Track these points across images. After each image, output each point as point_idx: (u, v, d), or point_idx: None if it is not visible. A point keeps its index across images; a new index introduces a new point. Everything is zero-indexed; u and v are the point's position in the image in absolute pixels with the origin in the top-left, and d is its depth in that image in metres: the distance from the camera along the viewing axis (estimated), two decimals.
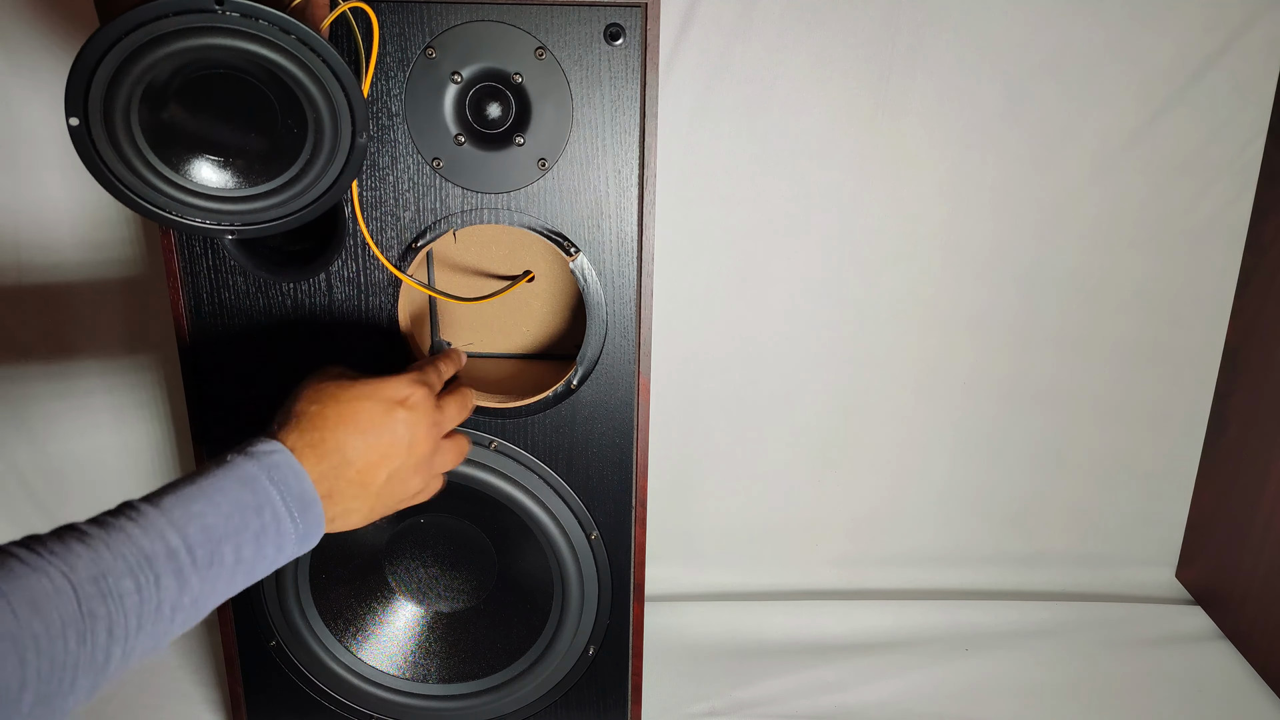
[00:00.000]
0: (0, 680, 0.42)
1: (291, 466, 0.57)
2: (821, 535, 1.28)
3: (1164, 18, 1.04)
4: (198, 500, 0.53)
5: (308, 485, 0.58)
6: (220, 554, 0.52)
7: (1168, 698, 1.08)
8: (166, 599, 0.49)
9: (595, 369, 0.81)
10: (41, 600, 0.44)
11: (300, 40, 0.61)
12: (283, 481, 0.56)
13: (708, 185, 1.10)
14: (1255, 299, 1.15)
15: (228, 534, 0.53)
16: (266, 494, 0.55)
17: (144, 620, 0.48)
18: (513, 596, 0.90)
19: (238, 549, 0.53)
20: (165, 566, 0.49)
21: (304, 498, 0.57)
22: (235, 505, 0.54)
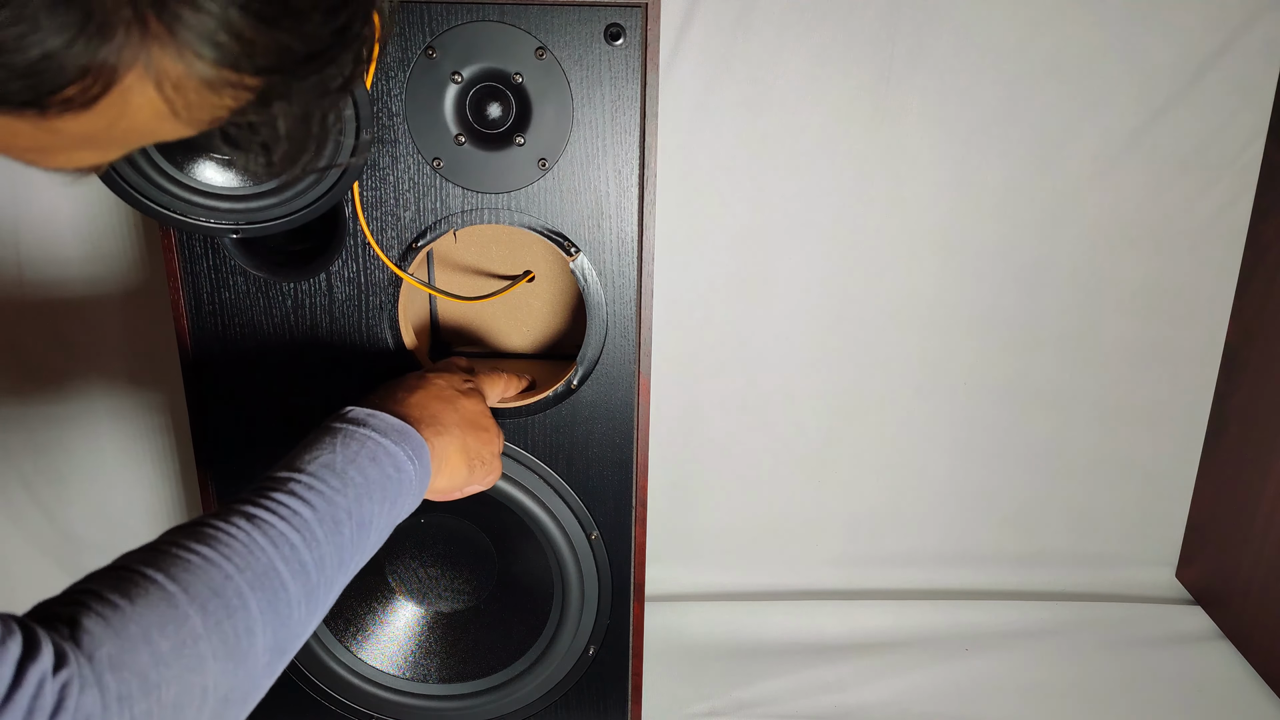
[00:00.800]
0: (265, 616, 0.49)
1: (419, 443, 0.64)
2: (821, 535, 1.28)
3: (1164, 18, 1.04)
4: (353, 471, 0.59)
5: (426, 453, 0.64)
6: (374, 515, 0.59)
7: (1168, 698, 1.08)
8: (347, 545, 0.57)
9: (595, 369, 0.81)
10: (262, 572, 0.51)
11: None
12: (418, 453, 0.63)
13: (708, 185, 1.10)
14: (1255, 299, 1.15)
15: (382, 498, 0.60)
16: (401, 462, 0.62)
17: (326, 567, 0.54)
18: (513, 596, 0.90)
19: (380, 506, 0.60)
20: (342, 528, 0.56)
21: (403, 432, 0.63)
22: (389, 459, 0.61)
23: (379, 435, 0.61)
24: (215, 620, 0.47)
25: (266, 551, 0.51)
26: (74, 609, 0.43)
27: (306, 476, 0.56)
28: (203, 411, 0.83)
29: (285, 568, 0.51)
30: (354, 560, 0.58)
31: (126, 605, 0.43)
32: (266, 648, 0.51)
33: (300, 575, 0.52)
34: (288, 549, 0.52)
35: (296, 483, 0.55)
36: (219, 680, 0.46)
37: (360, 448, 0.59)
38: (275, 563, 0.51)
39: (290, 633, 0.53)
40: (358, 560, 0.58)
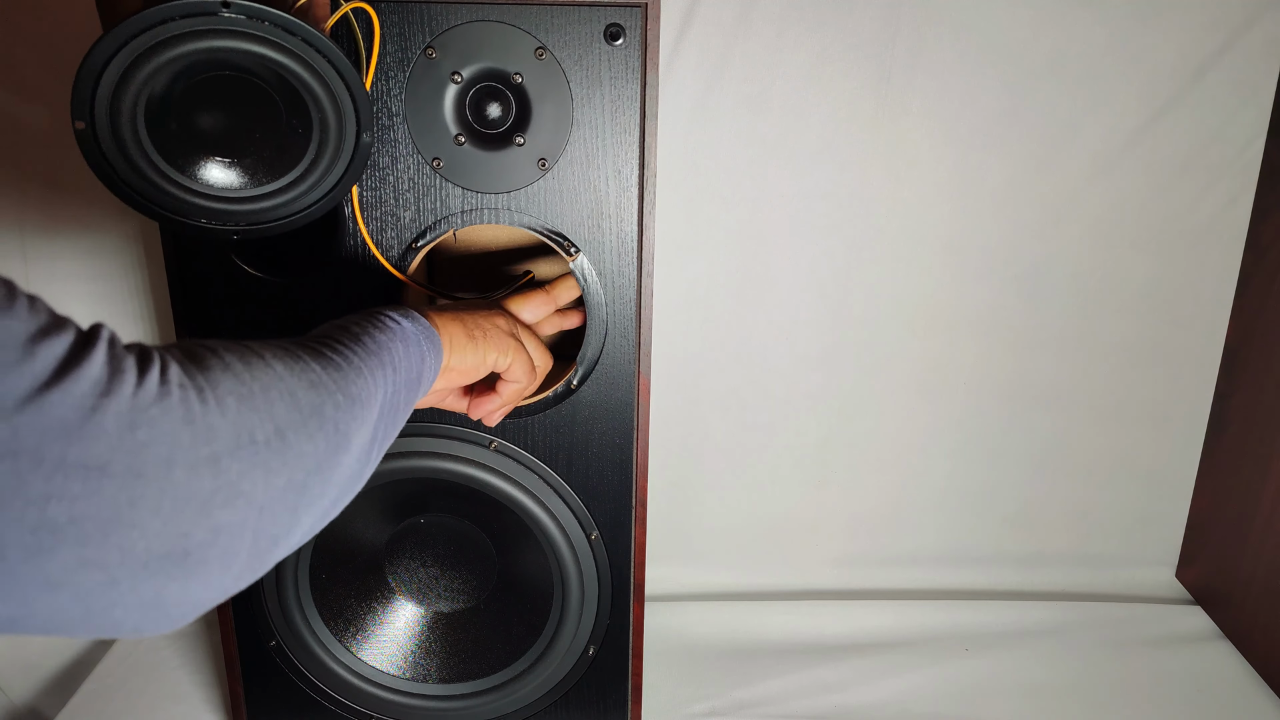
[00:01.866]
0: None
1: (429, 332, 0.63)
2: (821, 535, 1.28)
3: (1164, 18, 1.04)
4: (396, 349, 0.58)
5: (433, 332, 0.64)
6: (411, 375, 0.59)
7: (1168, 698, 1.08)
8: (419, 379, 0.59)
9: (595, 369, 0.81)
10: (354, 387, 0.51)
11: (305, 41, 0.61)
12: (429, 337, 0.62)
13: (708, 185, 1.10)
14: (1255, 299, 1.15)
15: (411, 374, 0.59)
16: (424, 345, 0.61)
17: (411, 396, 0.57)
18: (513, 596, 0.90)
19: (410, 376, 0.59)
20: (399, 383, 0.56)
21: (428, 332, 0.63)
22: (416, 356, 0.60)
23: (387, 316, 0.60)
24: (346, 411, 0.48)
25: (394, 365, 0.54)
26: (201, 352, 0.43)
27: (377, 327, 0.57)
28: None
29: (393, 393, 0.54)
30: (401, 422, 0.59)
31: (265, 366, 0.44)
32: (354, 460, 0.50)
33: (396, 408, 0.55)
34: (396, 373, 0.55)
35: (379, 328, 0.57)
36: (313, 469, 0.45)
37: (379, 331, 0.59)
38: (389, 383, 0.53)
39: (370, 457, 0.52)
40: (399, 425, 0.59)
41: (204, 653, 1.11)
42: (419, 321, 0.62)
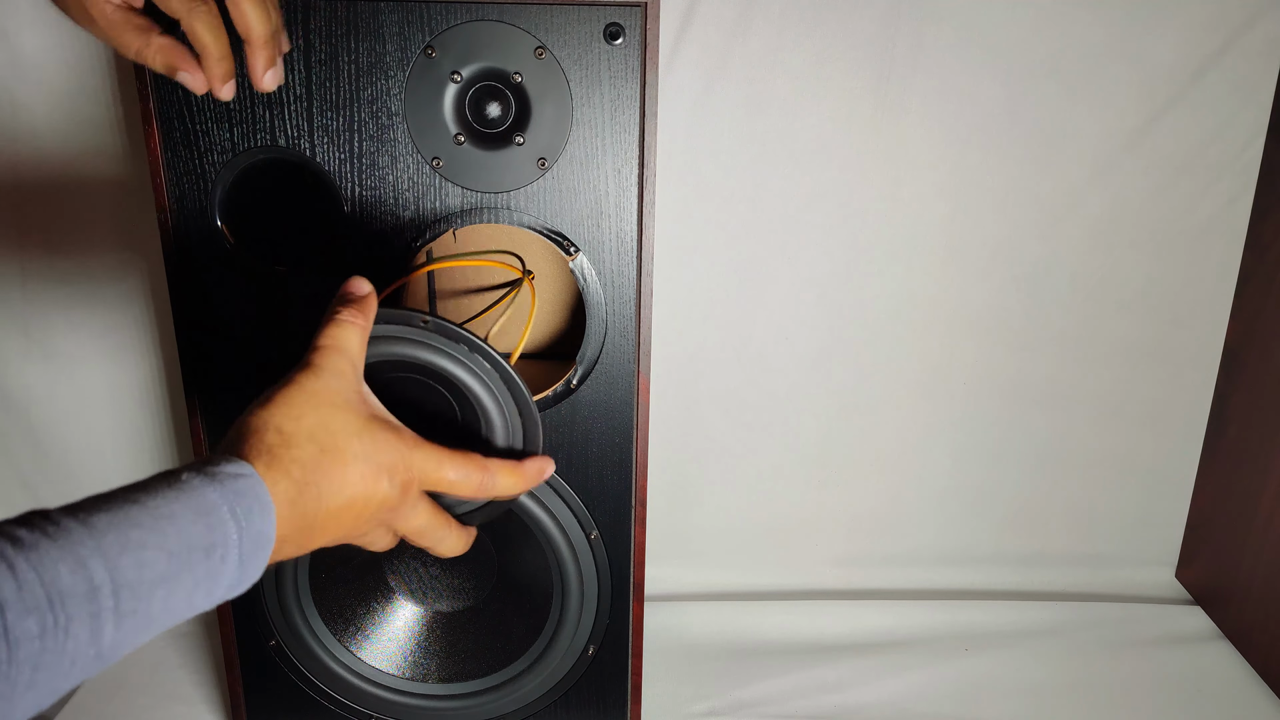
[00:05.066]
0: None
1: (260, 498, 0.47)
2: (821, 535, 1.28)
3: (1164, 18, 1.04)
4: (140, 525, 0.41)
5: (270, 525, 0.47)
6: (149, 600, 0.41)
7: (1168, 698, 1.08)
8: (71, 649, 0.38)
9: (595, 369, 0.81)
10: None
11: (490, 365, 0.66)
12: (246, 515, 0.46)
13: (708, 184, 1.10)
14: (1255, 299, 1.15)
15: (164, 577, 0.41)
16: (224, 530, 0.44)
17: (38, 674, 0.37)
18: (513, 596, 0.90)
19: (169, 596, 0.42)
20: (80, 608, 0.38)
21: (260, 539, 0.47)
22: (184, 542, 0.42)
23: (237, 540, 0.45)
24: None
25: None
26: None
27: (103, 571, 0.40)
28: (202, 411, 0.83)
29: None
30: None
31: None
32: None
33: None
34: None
35: (87, 576, 0.39)
36: None
37: (203, 561, 0.44)
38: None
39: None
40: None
41: (204, 653, 1.11)
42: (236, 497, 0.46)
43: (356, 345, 0.57)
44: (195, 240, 0.77)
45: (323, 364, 0.55)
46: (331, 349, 0.56)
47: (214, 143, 0.74)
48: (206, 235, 0.77)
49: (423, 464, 0.56)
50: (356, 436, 0.53)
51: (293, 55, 0.72)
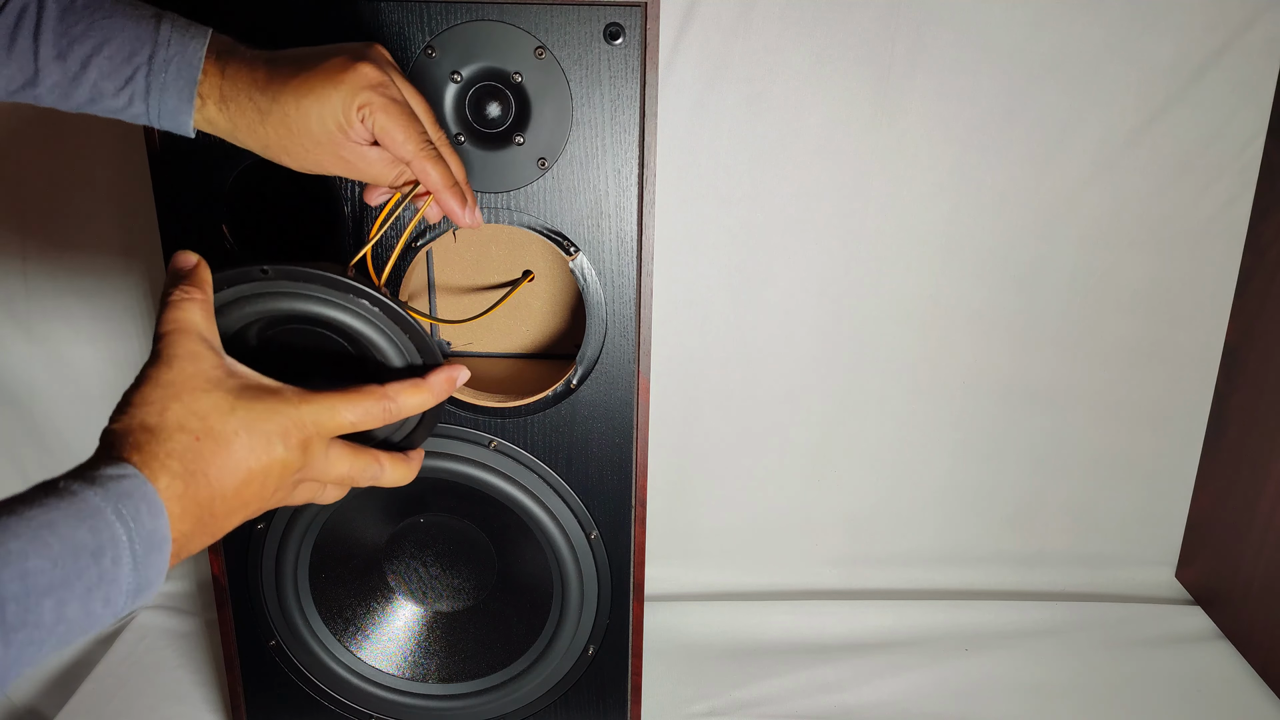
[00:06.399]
0: None
1: (146, 497, 0.45)
2: (821, 535, 1.28)
3: (1164, 18, 1.04)
4: (19, 536, 0.40)
5: (162, 523, 0.45)
6: (38, 611, 0.40)
7: (1168, 698, 1.08)
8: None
9: (595, 368, 0.81)
10: None
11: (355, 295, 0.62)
12: (134, 516, 0.44)
13: (707, 184, 1.10)
14: (1255, 299, 1.15)
15: (53, 585, 0.40)
16: (111, 532, 0.43)
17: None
18: (512, 596, 0.90)
19: (61, 605, 0.40)
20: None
21: (153, 539, 0.45)
22: (68, 547, 0.41)
23: (126, 541, 0.44)
24: None
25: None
26: None
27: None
28: None
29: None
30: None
31: None
32: None
33: None
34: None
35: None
36: None
37: (92, 565, 0.42)
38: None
39: None
40: None
41: (204, 653, 1.11)
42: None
43: (201, 320, 0.54)
44: (195, 240, 0.77)
45: (171, 351, 0.52)
46: (175, 333, 0.53)
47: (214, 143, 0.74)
48: (207, 235, 0.77)
49: (315, 416, 0.54)
50: (230, 413, 0.51)
51: None
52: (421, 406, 0.61)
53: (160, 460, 0.47)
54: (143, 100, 0.58)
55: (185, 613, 1.17)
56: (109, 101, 0.58)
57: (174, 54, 0.58)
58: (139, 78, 0.57)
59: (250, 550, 0.86)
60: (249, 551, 0.87)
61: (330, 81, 0.58)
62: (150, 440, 0.48)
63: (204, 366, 0.52)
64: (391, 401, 0.58)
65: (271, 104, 0.58)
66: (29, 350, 1.11)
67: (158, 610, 1.17)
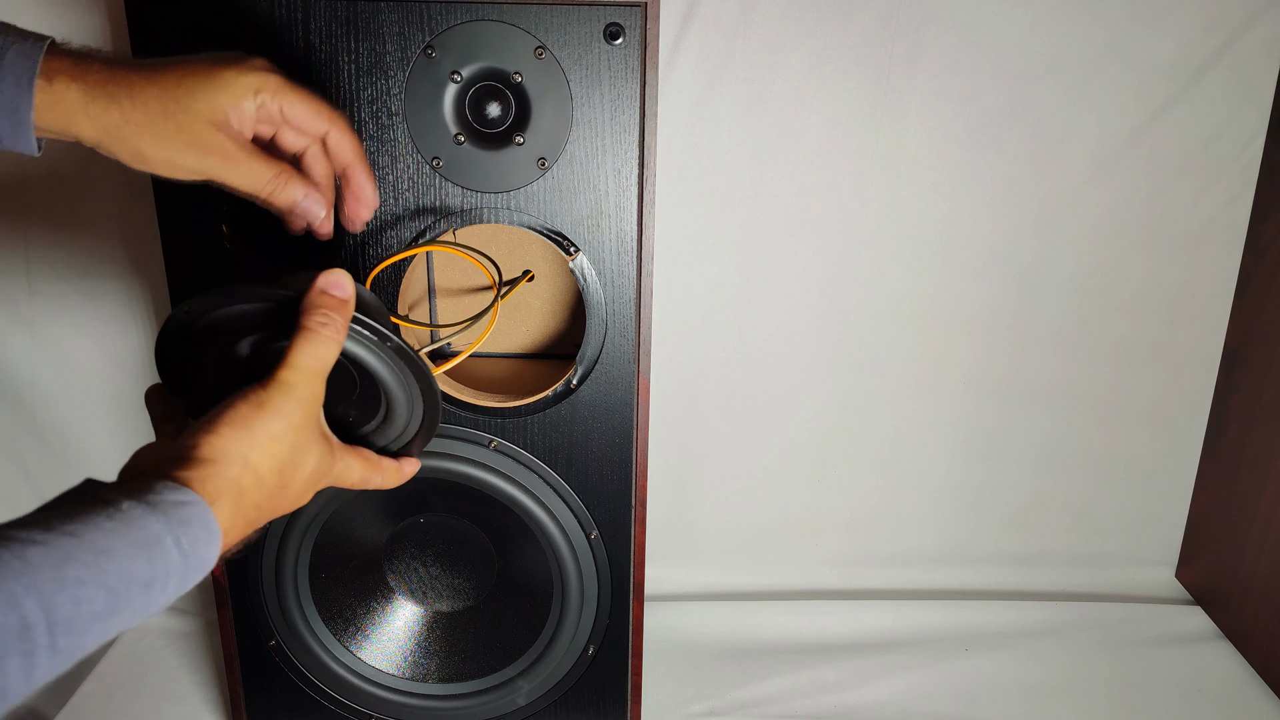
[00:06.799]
0: None
1: (207, 525, 0.44)
2: (821, 535, 1.28)
3: (1164, 18, 1.04)
4: (78, 562, 0.39)
5: (215, 549, 0.45)
6: (86, 635, 0.39)
7: (1168, 698, 1.08)
8: (2, 685, 0.37)
9: (595, 368, 0.81)
10: None
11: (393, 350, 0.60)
12: (192, 547, 0.43)
13: (707, 184, 1.10)
14: (1255, 299, 1.15)
15: (103, 613, 0.40)
16: (166, 563, 0.42)
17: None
18: (512, 596, 0.90)
19: (106, 629, 0.40)
20: (13, 646, 0.36)
21: (203, 565, 0.45)
22: (123, 578, 0.40)
23: (181, 569, 0.44)
24: None
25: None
26: None
27: (37, 609, 0.38)
28: None
29: None
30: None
31: None
32: None
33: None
34: None
35: (19, 614, 0.38)
36: None
37: (142, 595, 0.42)
38: None
39: None
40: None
41: (204, 653, 1.11)
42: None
43: (331, 358, 0.52)
44: (196, 240, 0.77)
45: (300, 387, 0.50)
46: (309, 370, 0.51)
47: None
48: (207, 235, 0.77)
49: (341, 471, 0.56)
50: (307, 466, 0.52)
51: (293, 55, 0.72)
52: (385, 486, 0.61)
53: (244, 504, 0.47)
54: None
55: (185, 613, 1.17)
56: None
57: (10, 42, 0.51)
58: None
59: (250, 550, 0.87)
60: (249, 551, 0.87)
61: (221, 63, 0.54)
62: (253, 484, 0.48)
63: (318, 414, 0.52)
64: (380, 474, 0.60)
65: (146, 81, 0.53)
66: (32, 349, 1.11)
67: None
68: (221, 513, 0.45)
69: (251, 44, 0.72)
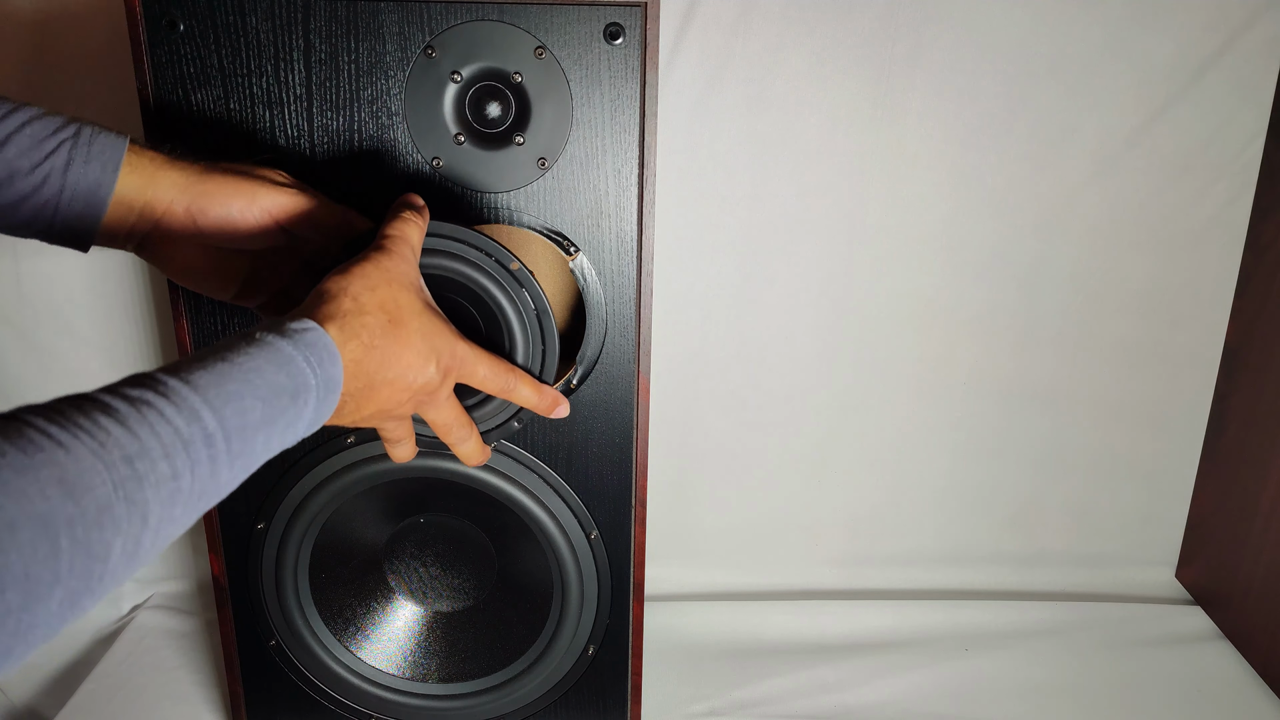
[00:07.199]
0: (31, 570, 0.34)
1: (328, 348, 0.52)
2: (821, 535, 1.28)
3: (1164, 18, 1.04)
4: (233, 379, 0.46)
5: (338, 371, 0.53)
6: (252, 443, 0.47)
7: (1168, 698, 1.08)
8: (198, 488, 0.43)
9: (595, 369, 0.81)
10: (73, 480, 0.37)
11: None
12: (319, 363, 0.51)
13: (708, 184, 1.10)
14: (1255, 299, 1.15)
15: (262, 422, 0.47)
16: (303, 378, 0.50)
17: (175, 509, 0.42)
18: (512, 596, 0.90)
19: (267, 439, 0.48)
20: (202, 453, 0.43)
21: (331, 384, 0.53)
22: (272, 390, 0.48)
23: (314, 385, 0.51)
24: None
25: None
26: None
27: (213, 420, 0.45)
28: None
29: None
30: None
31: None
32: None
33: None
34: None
35: (201, 426, 0.44)
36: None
37: (290, 406, 0.50)
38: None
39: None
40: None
41: (204, 653, 1.11)
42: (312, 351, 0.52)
43: (418, 241, 0.64)
44: None
45: (393, 249, 0.61)
46: (400, 239, 0.62)
47: (210, 145, 0.74)
48: None
49: (464, 355, 0.63)
50: (418, 316, 0.59)
51: (292, 55, 0.72)
52: (528, 402, 0.69)
53: (354, 329, 0.55)
54: (60, 176, 0.59)
55: (185, 613, 1.17)
56: (19, 183, 0.58)
57: (99, 132, 0.60)
58: (62, 150, 0.59)
59: (250, 550, 0.87)
60: (249, 551, 0.87)
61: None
62: (355, 310, 0.56)
63: (412, 272, 0.61)
64: (515, 379, 0.68)
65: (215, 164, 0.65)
66: (23, 355, 1.11)
67: (158, 610, 1.17)
68: (336, 336, 0.54)
69: (252, 43, 0.72)
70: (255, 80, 0.72)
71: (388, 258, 0.60)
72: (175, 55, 0.72)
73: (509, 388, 0.67)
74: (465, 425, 0.68)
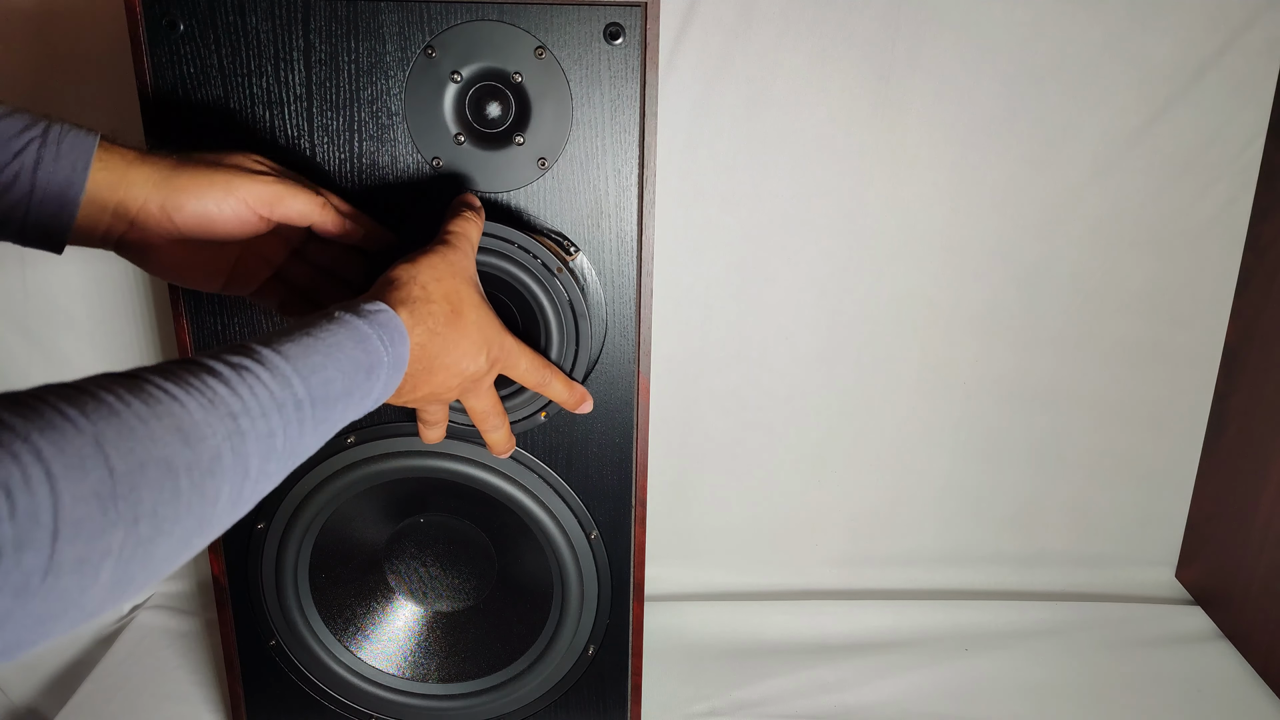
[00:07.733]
0: (159, 507, 0.37)
1: (398, 329, 0.56)
2: (821, 535, 1.28)
3: (1164, 18, 1.04)
4: (318, 353, 0.50)
5: (405, 350, 0.57)
6: (331, 411, 0.50)
7: (1168, 698, 1.08)
8: (289, 447, 0.47)
9: (595, 369, 0.81)
10: (189, 430, 0.40)
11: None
12: (390, 341, 0.55)
13: (708, 184, 1.10)
14: (1255, 299, 1.15)
15: (341, 394, 0.50)
16: (378, 355, 0.54)
17: (270, 464, 0.45)
18: (512, 596, 0.90)
19: (345, 409, 0.51)
20: (292, 415, 0.46)
21: (399, 362, 0.56)
22: (351, 363, 0.51)
23: (386, 362, 0.55)
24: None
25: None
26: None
27: (303, 388, 0.48)
28: None
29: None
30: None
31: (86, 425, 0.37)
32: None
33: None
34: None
35: (292, 392, 0.48)
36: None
37: (365, 380, 0.53)
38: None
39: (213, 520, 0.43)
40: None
41: (204, 653, 1.11)
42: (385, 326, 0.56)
43: (476, 238, 0.68)
44: None
45: (457, 244, 0.64)
46: (461, 235, 0.65)
47: (209, 142, 0.74)
48: None
49: (510, 348, 0.68)
50: (475, 308, 0.63)
51: (292, 55, 0.72)
52: (559, 397, 0.73)
53: (421, 315, 0.59)
54: (30, 176, 0.58)
55: (185, 613, 1.17)
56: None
57: (68, 130, 0.59)
58: (30, 149, 0.58)
59: (250, 550, 0.87)
60: (249, 551, 0.87)
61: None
62: (423, 297, 0.60)
63: (471, 267, 0.65)
64: (550, 376, 0.72)
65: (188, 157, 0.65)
66: (28, 352, 1.11)
67: (158, 610, 1.17)
68: (405, 320, 0.57)
69: (252, 43, 0.72)
70: (255, 80, 0.72)
71: (453, 251, 0.64)
72: (175, 55, 0.72)
73: (544, 382, 0.72)
74: (499, 414, 0.72)
